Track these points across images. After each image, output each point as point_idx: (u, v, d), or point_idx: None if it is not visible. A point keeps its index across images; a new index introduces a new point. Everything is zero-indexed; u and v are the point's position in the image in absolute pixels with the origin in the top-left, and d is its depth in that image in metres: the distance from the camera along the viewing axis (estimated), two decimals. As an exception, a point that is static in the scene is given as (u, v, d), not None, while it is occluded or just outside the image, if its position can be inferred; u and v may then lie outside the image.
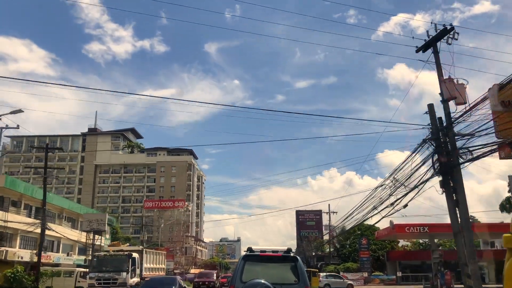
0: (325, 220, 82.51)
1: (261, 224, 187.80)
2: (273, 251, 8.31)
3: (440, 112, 13.15)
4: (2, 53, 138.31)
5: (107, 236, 44.89)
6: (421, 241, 65.03)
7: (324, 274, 33.98)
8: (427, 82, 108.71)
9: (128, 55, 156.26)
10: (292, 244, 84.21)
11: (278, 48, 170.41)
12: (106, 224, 46.10)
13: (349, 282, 35.53)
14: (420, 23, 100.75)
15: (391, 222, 30.02)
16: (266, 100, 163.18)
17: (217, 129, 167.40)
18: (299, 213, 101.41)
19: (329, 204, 60.03)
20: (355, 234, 48.18)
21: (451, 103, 12.80)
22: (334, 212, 47.23)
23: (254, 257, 8.13)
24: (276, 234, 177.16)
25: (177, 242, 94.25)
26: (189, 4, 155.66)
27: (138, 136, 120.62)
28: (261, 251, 8.31)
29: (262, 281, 7.14)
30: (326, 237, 55.05)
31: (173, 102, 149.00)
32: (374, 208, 20.64)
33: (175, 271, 69.73)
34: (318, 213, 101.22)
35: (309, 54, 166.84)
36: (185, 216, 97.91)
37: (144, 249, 22.43)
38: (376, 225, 42.02)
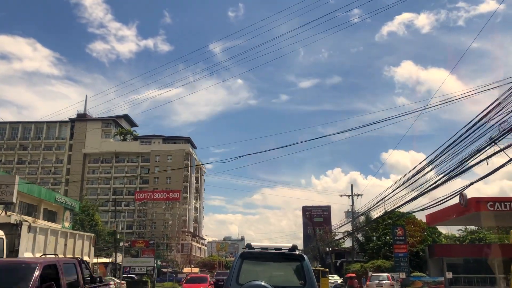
0: (344, 207, 72.27)
1: (265, 223, 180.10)
2: (275, 249, 7.08)
3: None
4: (7, 52, 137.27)
5: (67, 224, 34.76)
6: (457, 234, 54.27)
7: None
8: (436, 79, 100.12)
9: (132, 55, 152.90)
10: (298, 244, 75.11)
11: (282, 48, 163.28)
12: (66, 207, 36.18)
13: None
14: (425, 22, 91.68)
15: (462, 195, 19.65)
16: (270, 99, 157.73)
17: (221, 128, 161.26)
18: (306, 209, 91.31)
19: (351, 185, 49.66)
20: (384, 224, 37.74)
21: None
22: (358, 195, 36.62)
23: (254, 255, 6.95)
24: (281, 233, 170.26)
25: (172, 237, 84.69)
26: (193, 3, 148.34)
27: (133, 124, 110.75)
28: (262, 248, 7.11)
29: (262, 283, 6.01)
30: (344, 228, 44.49)
31: (178, 101, 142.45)
32: (468, 158, 10.29)
33: (163, 269, 59.73)
34: (326, 208, 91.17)
35: (313, 53, 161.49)
36: (181, 209, 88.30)
37: (27, 223, 11.23)
38: (413, 213, 32.02)
